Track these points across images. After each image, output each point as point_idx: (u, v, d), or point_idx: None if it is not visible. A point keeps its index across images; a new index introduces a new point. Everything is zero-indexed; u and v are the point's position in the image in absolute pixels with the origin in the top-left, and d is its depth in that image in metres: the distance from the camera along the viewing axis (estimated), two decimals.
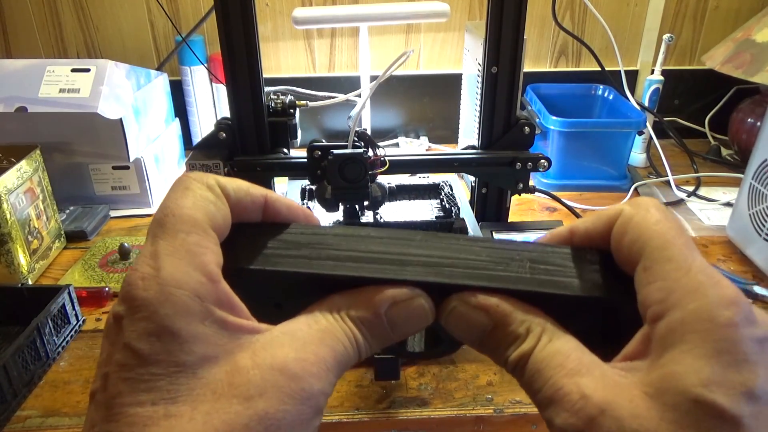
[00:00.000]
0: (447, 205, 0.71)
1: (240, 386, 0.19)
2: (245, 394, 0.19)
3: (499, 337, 0.22)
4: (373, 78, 1.05)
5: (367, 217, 0.68)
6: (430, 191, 0.77)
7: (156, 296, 0.19)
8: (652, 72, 1.08)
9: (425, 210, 0.73)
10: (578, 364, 0.20)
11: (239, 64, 0.65)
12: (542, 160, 0.70)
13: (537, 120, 1.00)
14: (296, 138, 0.72)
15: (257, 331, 0.21)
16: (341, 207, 0.68)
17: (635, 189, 1.00)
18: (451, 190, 0.75)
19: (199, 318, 0.19)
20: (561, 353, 0.21)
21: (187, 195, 0.21)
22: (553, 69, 1.22)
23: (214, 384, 0.19)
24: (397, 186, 0.76)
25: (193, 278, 0.19)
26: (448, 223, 0.66)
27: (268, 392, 0.19)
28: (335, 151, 0.63)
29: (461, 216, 0.68)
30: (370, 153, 0.64)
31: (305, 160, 0.68)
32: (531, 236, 0.72)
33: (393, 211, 0.72)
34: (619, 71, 1.08)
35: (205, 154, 0.67)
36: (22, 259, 0.74)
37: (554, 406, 0.20)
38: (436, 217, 0.71)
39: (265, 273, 0.23)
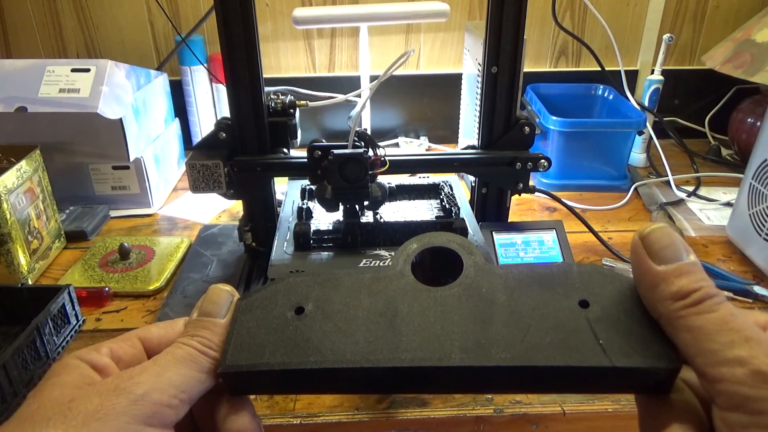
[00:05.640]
0: (447, 205, 0.71)
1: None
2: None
3: None
4: (373, 78, 1.05)
5: (367, 217, 0.68)
6: (430, 191, 0.77)
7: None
8: (652, 72, 1.08)
9: (425, 210, 0.73)
10: None
11: (239, 64, 0.65)
12: (542, 160, 0.70)
13: (537, 120, 1.00)
14: (296, 138, 0.72)
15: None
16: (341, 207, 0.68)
17: (635, 189, 1.00)
18: (451, 190, 0.75)
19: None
20: None
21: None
22: (553, 69, 1.22)
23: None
24: (396, 186, 0.76)
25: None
26: (447, 223, 0.66)
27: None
28: (335, 151, 0.63)
29: (461, 216, 0.68)
30: (371, 153, 0.64)
31: (305, 160, 0.68)
32: (531, 236, 0.72)
33: (393, 211, 0.72)
34: (619, 71, 1.08)
35: (204, 154, 0.67)
36: (22, 259, 0.74)
37: None
38: (436, 217, 0.71)
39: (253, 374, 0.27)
